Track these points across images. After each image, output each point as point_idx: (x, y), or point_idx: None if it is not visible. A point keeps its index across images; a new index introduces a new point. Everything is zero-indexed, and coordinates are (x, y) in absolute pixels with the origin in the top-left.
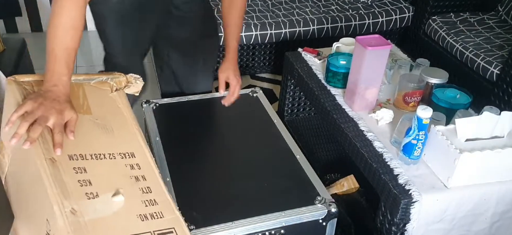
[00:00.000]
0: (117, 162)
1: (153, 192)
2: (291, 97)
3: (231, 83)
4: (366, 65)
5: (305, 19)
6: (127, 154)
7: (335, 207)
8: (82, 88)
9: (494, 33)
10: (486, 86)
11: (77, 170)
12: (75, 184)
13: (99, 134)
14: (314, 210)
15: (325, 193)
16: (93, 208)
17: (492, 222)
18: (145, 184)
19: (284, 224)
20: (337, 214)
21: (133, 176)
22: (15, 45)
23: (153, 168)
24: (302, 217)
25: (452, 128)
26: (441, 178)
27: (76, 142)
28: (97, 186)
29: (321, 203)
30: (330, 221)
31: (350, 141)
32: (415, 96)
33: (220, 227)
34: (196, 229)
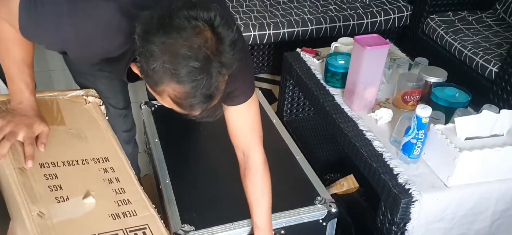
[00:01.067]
0: (90, 166)
1: (127, 192)
2: (290, 97)
3: None
4: (365, 65)
5: (304, 19)
6: (101, 159)
7: (335, 207)
8: (55, 102)
9: (493, 31)
10: (485, 84)
11: (48, 176)
12: (45, 189)
13: (73, 142)
14: (314, 210)
15: (325, 193)
16: (62, 211)
17: (492, 220)
18: (119, 185)
19: (284, 224)
20: (337, 214)
21: (106, 179)
22: None
23: (127, 170)
24: (302, 218)
25: (452, 127)
26: (441, 177)
27: (49, 151)
28: (67, 190)
29: (321, 203)
30: (330, 221)
31: (349, 140)
32: (414, 95)
33: (220, 228)
34: (196, 230)
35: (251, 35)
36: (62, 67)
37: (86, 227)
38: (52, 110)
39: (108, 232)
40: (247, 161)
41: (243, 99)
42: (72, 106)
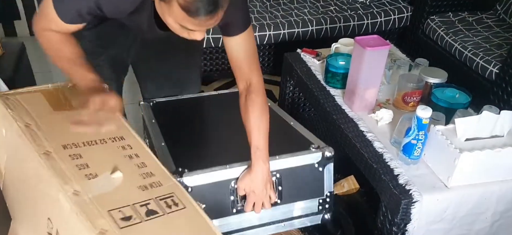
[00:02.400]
0: (109, 145)
1: (148, 166)
2: (290, 98)
3: (248, 197)
4: (365, 66)
5: (304, 20)
6: (117, 138)
7: (331, 151)
8: (60, 91)
9: (493, 32)
10: (485, 85)
11: (73, 156)
12: (74, 168)
13: None
14: (308, 154)
15: (320, 142)
16: (94, 187)
17: (492, 221)
18: (139, 160)
19: (279, 167)
20: (332, 159)
21: (127, 155)
22: (14, 49)
23: (143, 146)
24: (297, 161)
25: (452, 128)
26: (441, 177)
27: (68, 133)
28: (95, 168)
29: (315, 148)
30: (326, 166)
31: (350, 141)
32: (415, 96)
33: (214, 169)
34: (190, 171)
35: None
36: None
37: (120, 199)
38: (59, 98)
39: (141, 202)
40: (249, 87)
41: (243, 28)
42: (77, 93)
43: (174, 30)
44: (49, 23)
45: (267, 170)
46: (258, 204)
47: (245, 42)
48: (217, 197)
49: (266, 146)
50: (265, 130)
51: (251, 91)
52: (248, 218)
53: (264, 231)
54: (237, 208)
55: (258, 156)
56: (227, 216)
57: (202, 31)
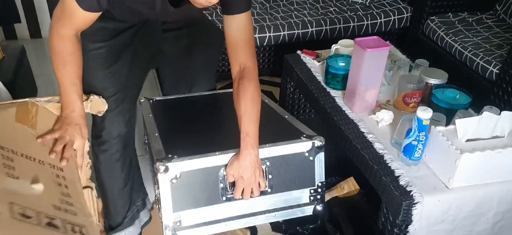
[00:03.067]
0: (45, 168)
1: (72, 198)
2: (290, 99)
3: (237, 183)
4: (365, 67)
5: (304, 21)
6: (57, 167)
7: (321, 140)
8: (36, 107)
9: (493, 32)
10: (485, 85)
11: (5, 157)
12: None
13: (36, 144)
14: (299, 142)
15: (311, 132)
16: (10, 183)
17: (494, 222)
18: (66, 191)
19: (269, 155)
20: (323, 148)
21: (56, 182)
22: (14, 52)
23: (78, 189)
24: (286, 149)
25: (453, 129)
26: (442, 178)
27: (13, 140)
28: (19, 173)
29: (306, 138)
30: (317, 156)
31: (350, 142)
32: (415, 97)
33: (202, 156)
34: (180, 157)
35: None
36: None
37: (29, 202)
38: (30, 112)
39: (48, 214)
40: (243, 71)
41: (244, 8)
42: (49, 116)
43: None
44: (66, 17)
45: (256, 156)
46: (247, 190)
47: (245, 23)
48: (206, 185)
49: (256, 132)
50: (256, 116)
51: (244, 76)
52: (238, 207)
53: (254, 220)
54: (226, 196)
55: (247, 141)
56: (216, 204)
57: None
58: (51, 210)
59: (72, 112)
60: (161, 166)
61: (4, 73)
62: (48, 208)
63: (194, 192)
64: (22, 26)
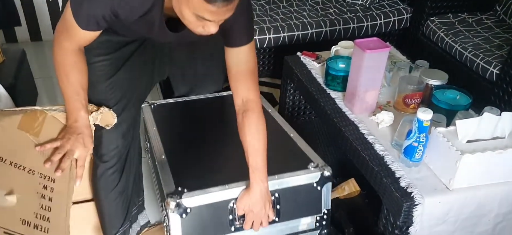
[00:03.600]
0: (34, 178)
1: (52, 213)
2: (290, 101)
3: (247, 216)
4: (365, 68)
5: (303, 23)
6: (48, 177)
7: (329, 170)
8: (44, 115)
9: (493, 33)
10: (486, 86)
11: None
12: None
13: (33, 153)
14: (307, 173)
15: (318, 159)
16: None
17: (495, 223)
18: (49, 204)
19: (278, 187)
20: (331, 178)
21: (40, 193)
22: (14, 55)
23: (65, 199)
24: (295, 180)
25: (453, 130)
26: (443, 180)
27: (5, 147)
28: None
29: (314, 167)
30: (324, 185)
31: (350, 144)
32: (415, 98)
33: (213, 190)
34: (191, 191)
35: None
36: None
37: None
38: (36, 121)
39: (7, 229)
40: (246, 104)
41: (246, 40)
42: (56, 125)
43: (189, 24)
44: (68, 32)
45: (266, 189)
46: (257, 222)
47: (247, 55)
48: (215, 216)
49: (264, 165)
50: (263, 147)
51: (247, 109)
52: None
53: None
54: (235, 226)
55: (257, 176)
56: (225, 234)
57: (217, 23)
58: (17, 225)
59: (75, 122)
60: (172, 202)
61: (4, 77)
62: (13, 223)
63: (203, 223)
64: (22, 29)
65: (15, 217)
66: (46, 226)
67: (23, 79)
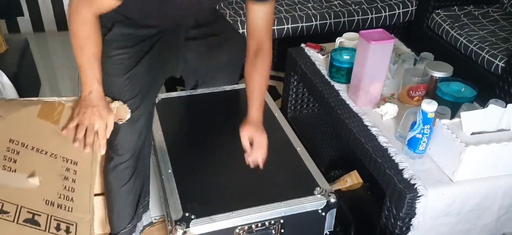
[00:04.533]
0: (56, 161)
1: (75, 193)
2: (294, 93)
3: (255, 139)
4: (370, 60)
5: (308, 15)
6: (70, 160)
7: (334, 197)
8: (62, 106)
9: (499, 26)
10: (491, 79)
11: (10, 150)
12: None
13: (55, 138)
14: (313, 201)
15: (325, 183)
16: (3, 177)
17: (498, 215)
18: (72, 185)
19: (284, 214)
20: (336, 205)
21: (63, 175)
22: (17, 45)
23: (88, 181)
24: (301, 207)
25: (458, 122)
26: (446, 172)
27: (27, 134)
28: (19, 166)
29: (320, 194)
30: (329, 212)
31: (354, 136)
32: (420, 91)
33: (220, 217)
34: (197, 218)
35: None
36: (67, 65)
37: (12, 196)
38: (55, 110)
39: (32, 209)
40: (261, 46)
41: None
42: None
43: None
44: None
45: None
46: (262, 151)
47: (268, 13)
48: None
49: (260, 117)
50: (262, 98)
51: (261, 50)
52: None
53: None
54: None
55: (259, 109)
56: None
57: None
58: (40, 205)
59: (90, 93)
60: (180, 230)
61: (8, 66)
62: (36, 203)
63: None
64: (25, 20)
65: (38, 197)
66: (70, 206)
67: (26, 68)
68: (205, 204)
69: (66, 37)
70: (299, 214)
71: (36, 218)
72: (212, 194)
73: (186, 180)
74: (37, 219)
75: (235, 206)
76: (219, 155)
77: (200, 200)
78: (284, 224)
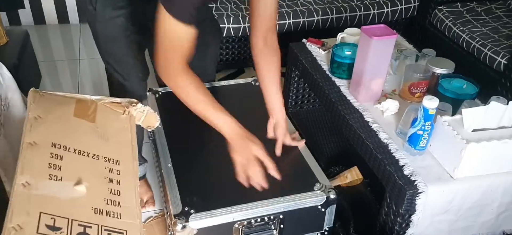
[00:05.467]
0: (99, 162)
1: (122, 196)
2: (295, 89)
3: (286, 142)
4: (372, 56)
5: (309, 10)
6: (112, 160)
7: (334, 193)
8: (95, 104)
9: (502, 22)
10: (493, 76)
11: (53, 155)
12: (44, 165)
13: (93, 138)
14: (313, 196)
15: (325, 179)
16: (50, 187)
17: (498, 212)
18: (117, 187)
19: (283, 209)
20: (336, 201)
21: (108, 177)
22: (18, 37)
23: (133, 179)
24: (301, 203)
25: (459, 118)
26: (447, 168)
27: (67, 135)
28: (65, 173)
29: (320, 190)
30: (329, 207)
31: (355, 132)
32: (421, 87)
33: (219, 212)
34: (196, 213)
35: None
36: (88, 56)
37: (63, 208)
38: (88, 107)
39: (82, 221)
40: (267, 42)
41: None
42: (109, 112)
43: None
44: (171, 45)
45: None
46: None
47: (272, 6)
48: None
49: (283, 114)
50: (279, 90)
51: (269, 47)
52: None
53: None
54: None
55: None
56: None
57: None
58: (90, 215)
59: (235, 132)
60: (179, 224)
61: (8, 59)
62: (86, 214)
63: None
64: (26, 12)
65: (87, 206)
66: (118, 212)
67: (26, 61)
68: (204, 198)
69: (67, 29)
70: (299, 209)
71: (88, 230)
72: (212, 188)
73: (185, 175)
74: (89, 232)
75: (234, 201)
76: (219, 150)
77: (199, 194)
78: (283, 219)
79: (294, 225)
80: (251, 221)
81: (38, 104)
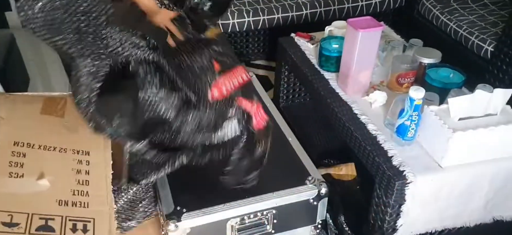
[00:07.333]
0: (66, 155)
1: (91, 185)
2: (285, 83)
3: None
4: (358, 48)
5: (298, 4)
6: (82, 151)
7: (326, 187)
8: (65, 99)
9: (488, 10)
10: (481, 64)
11: (16, 154)
12: (4, 164)
13: (61, 131)
14: (305, 190)
15: (316, 173)
16: (10, 185)
17: (487, 199)
18: (85, 177)
19: (276, 204)
20: (328, 194)
21: (76, 169)
22: (3, 40)
23: (103, 169)
24: (293, 198)
25: (445, 108)
26: (435, 158)
27: (31, 133)
28: (27, 170)
29: (312, 183)
30: (321, 201)
31: (344, 124)
32: (409, 78)
33: (212, 210)
34: (188, 212)
35: (245, 21)
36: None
37: (22, 204)
38: (57, 104)
39: (44, 215)
40: None
41: None
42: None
43: None
44: None
45: None
46: None
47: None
48: (214, 233)
49: None
50: None
51: None
52: None
53: None
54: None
55: None
56: None
57: None
58: (53, 208)
59: None
60: (171, 224)
61: None
62: (49, 207)
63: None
64: (13, 15)
65: (51, 199)
66: (85, 201)
67: (13, 64)
68: (196, 197)
69: None
70: (291, 204)
71: (50, 223)
72: (204, 186)
73: (177, 173)
74: (51, 224)
75: (227, 198)
76: None
77: (191, 193)
78: (276, 214)
79: (287, 219)
80: (244, 218)
81: (2, 106)
